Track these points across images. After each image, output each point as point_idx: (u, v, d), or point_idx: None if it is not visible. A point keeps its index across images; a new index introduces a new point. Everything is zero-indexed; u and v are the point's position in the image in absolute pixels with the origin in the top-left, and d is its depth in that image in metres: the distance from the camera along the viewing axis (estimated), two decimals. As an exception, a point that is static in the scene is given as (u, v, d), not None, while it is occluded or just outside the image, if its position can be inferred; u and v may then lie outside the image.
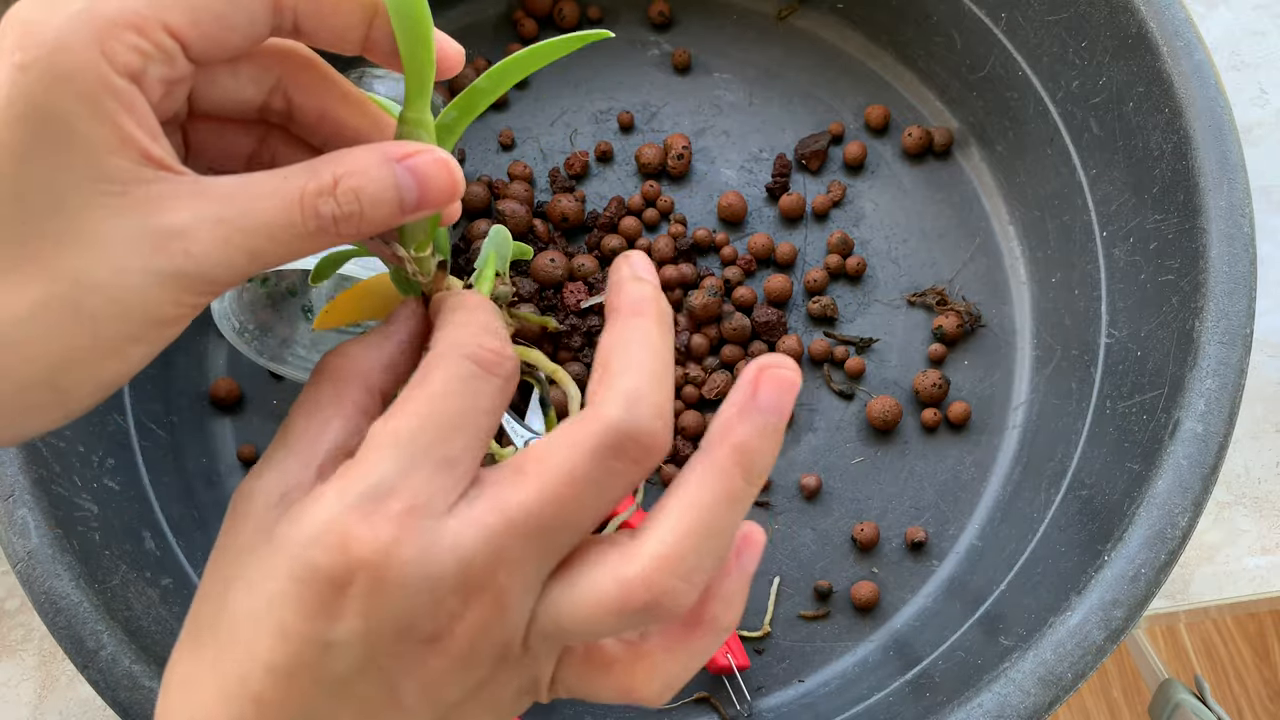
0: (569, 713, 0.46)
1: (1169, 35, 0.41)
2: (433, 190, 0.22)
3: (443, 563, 0.20)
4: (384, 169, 0.22)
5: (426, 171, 0.22)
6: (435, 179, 0.22)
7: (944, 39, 0.51)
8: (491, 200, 0.52)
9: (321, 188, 0.21)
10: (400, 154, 0.22)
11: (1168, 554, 0.37)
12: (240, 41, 0.22)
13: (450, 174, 0.22)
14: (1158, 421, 0.40)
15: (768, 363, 0.22)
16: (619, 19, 0.55)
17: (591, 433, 0.20)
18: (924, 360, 0.51)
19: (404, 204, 0.22)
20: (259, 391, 0.50)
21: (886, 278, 0.52)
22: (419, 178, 0.22)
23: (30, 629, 0.49)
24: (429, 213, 0.23)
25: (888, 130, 0.54)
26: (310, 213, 0.21)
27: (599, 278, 0.50)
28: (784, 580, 0.48)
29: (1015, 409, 0.50)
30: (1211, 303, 0.39)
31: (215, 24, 0.21)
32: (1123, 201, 0.44)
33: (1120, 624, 0.37)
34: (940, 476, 0.49)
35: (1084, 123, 0.46)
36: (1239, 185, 0.40)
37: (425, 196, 0.22)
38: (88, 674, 0.37)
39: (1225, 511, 0.51)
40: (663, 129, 0.54)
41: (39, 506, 0.38)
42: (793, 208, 0.52)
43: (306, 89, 0.24)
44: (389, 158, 0.22)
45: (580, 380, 0.49)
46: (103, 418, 0.43)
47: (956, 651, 0.43)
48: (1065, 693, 0.37)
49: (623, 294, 0.23)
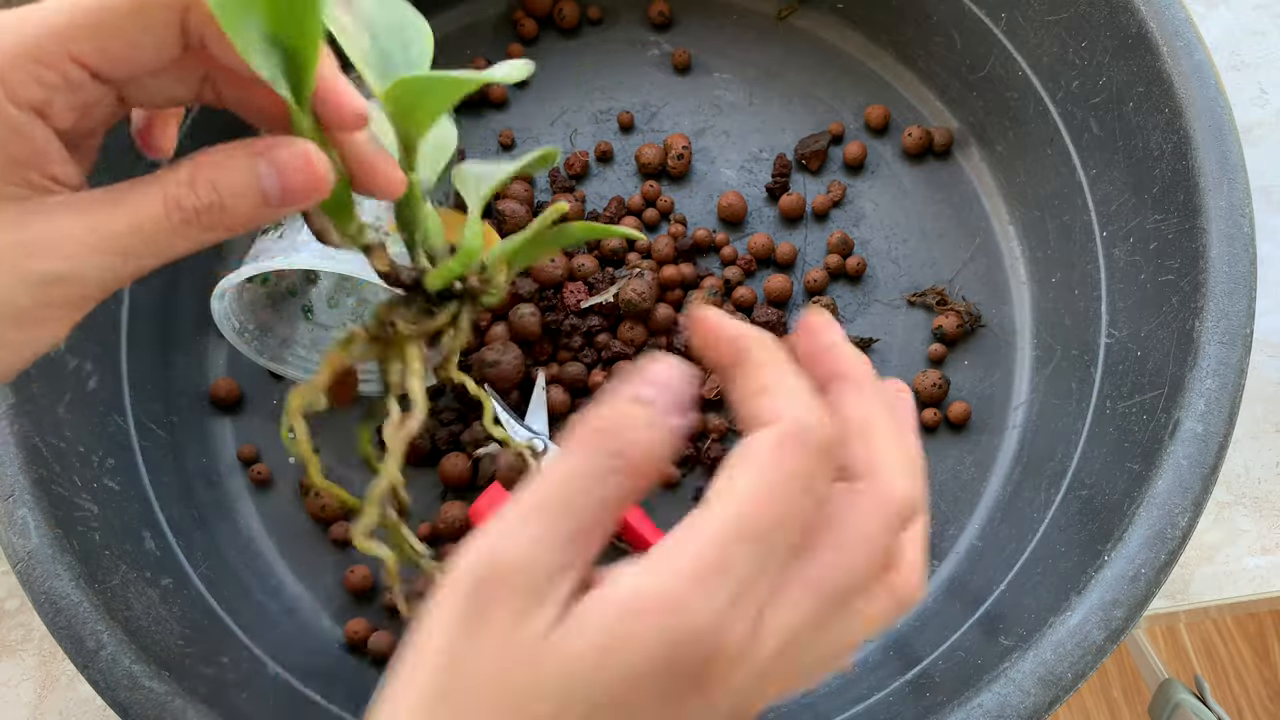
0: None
1: (1169, 35, 0.41)
2: (293, 182, 0.23)
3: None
4: (244, 162, 0.23)
5: (287, 164, 0.23)
6: (296, 172, 0.23)
7: (944, 39, 0.51)
8: (492, 200, 0.52)
9: (181, 181, 0.23)
10: (263, 147, 0.23)
11: (1168, 554, 0.37)
12: (151, 61, 0.23)
13: (310, 166, 0.23)
14: (1158, 421, 0.40)
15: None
16: (619, 19, 0.55)
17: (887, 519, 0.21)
18: (924, 360, 0.51)
19: (267, 196, 0.23)
20: (259, 391, 0.50)
21: (886, 278, 0.52)
22: (279, 169, 0.23)
23: (30, 629, 0.49)
24: (297, 205, 0.23)
25: (888, 130, 0.54)
26: (173, 206, 0.22)
27: (599, 278, 0.50)
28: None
29: (1015, 409, 0.50)
30: (1211, 303, 0.39)
31: (124, 50, 0.22)
32: (1123, 201, 0.44)
33: (1120, 624, 0.37)
34: (940, 476, 0.49)
35: (1084, 123, 0.46)
36: (1239, 185, 0.40)
37: (287, 188, 0.23)
38: (88, 674, 0.37)
39: (1225, 511, 0.51)
40: (663, 129, 0.54)
41: (39, 506, 0.38)
42: (793, 208, 0.52)
43: (230, 83, 0.25)
44: (251, 152, 0.23)
45: (580, 379, 0.49)
46: (103, 418, 0.43)
47: (956, 651, 0.43)
48: (1065, 693, 0.37)
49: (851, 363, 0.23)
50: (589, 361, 0.49)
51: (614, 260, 0.51)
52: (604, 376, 0.49)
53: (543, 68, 0.55)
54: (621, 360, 0.49)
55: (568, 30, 0.55)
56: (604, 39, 0.55)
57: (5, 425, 0.39)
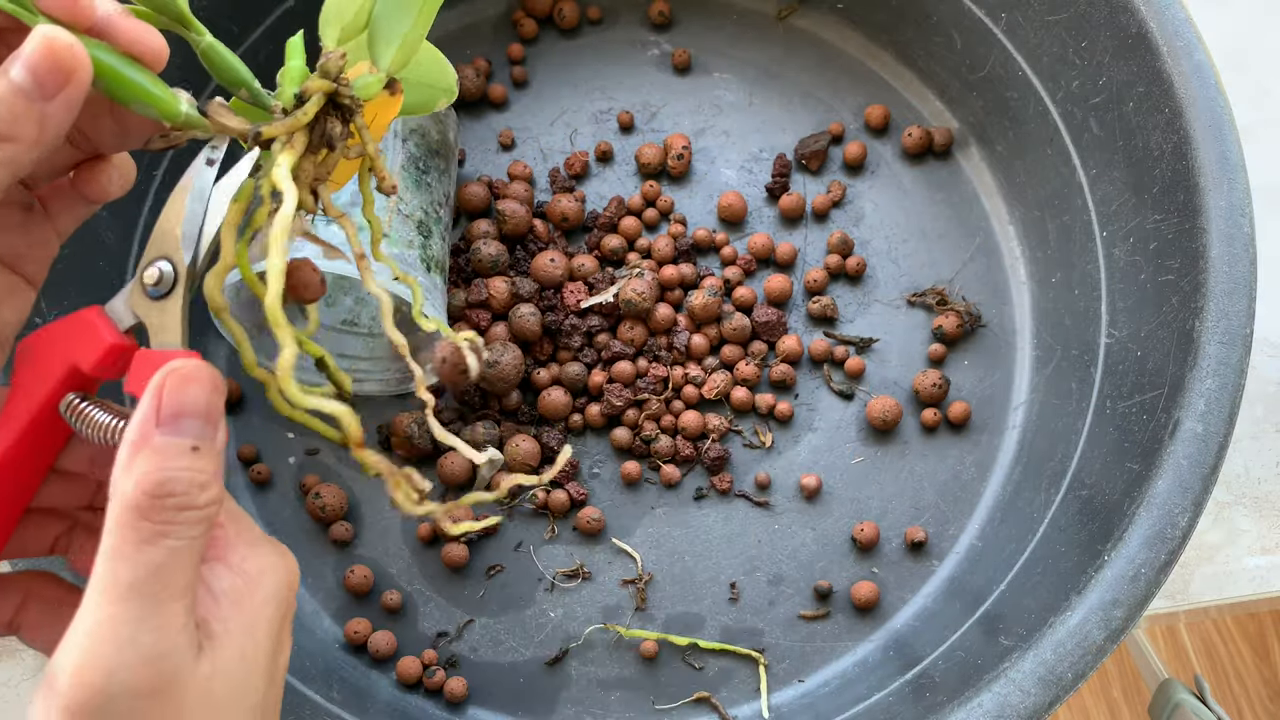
0: (569, 712, 0.46)
1: (1169, 35, 0.41)
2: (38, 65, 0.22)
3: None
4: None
5: (31, 49, 0.22)
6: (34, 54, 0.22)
7: (944, 39, 0.51)
8: (491, 200, 0.52)
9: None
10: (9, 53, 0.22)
11: (1168, 554, 0.37)
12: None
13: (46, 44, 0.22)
14: (1158, 421, 0.40)
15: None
16: (619, 19, 0.55)
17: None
18: (924, 360, 0.51)
19: (20, 87, 0.22)
20: (258, 391, 0.50)
21: (886, 278, 0.52)
22: (27, 57, 0.22)
23: (30, 629, 0.49)
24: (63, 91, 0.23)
25: (888, 130, 0.54)
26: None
27: (599, 278, 0.50)
28: (784, 580, 0.48)
29: (1015, 409, 0.50)
30: (1211, 303, 0.39)
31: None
32: (1123, 201, 0.44)
33: (1120, 624, 0.37)
34: (940, 476, 0.49)
35: (1084, 123, 0.46)
36: (1239, 185, 0.40)
37: (36, 75, 0.22)
38: (88, 674, 0.37)
39: (1225, 511, 0.51)
40: (663, 129, 0.54)
41: (39, 506, 0.38)
42: (793, 208, 0.52)
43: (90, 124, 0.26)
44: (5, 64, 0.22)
45: (579, 380, 0.49)
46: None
47: (956, 651, 0.43)
48: (1065, 693, 0.37)
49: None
50: (589, 361, 0.49)
51: (614, 260, 0.51)
52: (604, 377, 0.49)
53: (543, 68, 0.55)
54: (622, 360, 0.49)
55: (568, 30, 0.55)
56: (604, 39, 0.55)
57: (5, 425, 0.39)
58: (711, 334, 0.50)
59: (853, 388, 0.50)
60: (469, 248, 0.50)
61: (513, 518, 0.49)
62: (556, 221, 0.51)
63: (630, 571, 0.48)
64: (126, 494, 0.23)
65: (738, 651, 0.47)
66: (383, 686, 0.46)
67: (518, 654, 0.47)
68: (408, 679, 0.46)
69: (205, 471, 0.23)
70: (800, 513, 0.49)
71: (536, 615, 0.47)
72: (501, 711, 0.46)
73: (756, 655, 0.46)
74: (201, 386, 0.24)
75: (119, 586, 0.22)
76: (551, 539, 0.48)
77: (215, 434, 0.24)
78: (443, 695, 0.46)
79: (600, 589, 0.48)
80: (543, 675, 0.47)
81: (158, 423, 0.23)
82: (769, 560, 0.48)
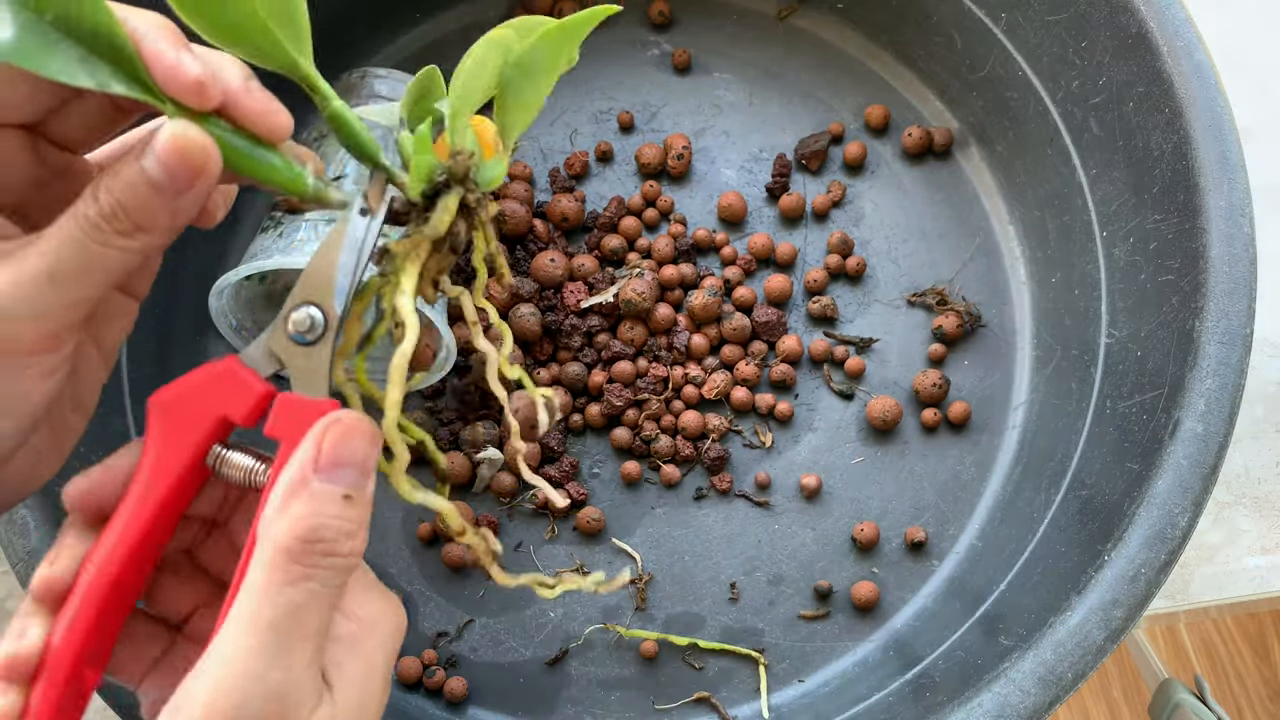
0: (569, 712, 0.46)
1: (1169, 35, 0.41)
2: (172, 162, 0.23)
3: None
4: (131, 162, 0.23)
5: (160, 149, 0.23)
6: (170, 153, 0.23)
7: (944, 39, 0.51)
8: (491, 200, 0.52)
9: (85, 198, 0.23)
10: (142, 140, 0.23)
11: (1168, 554, 0.37)
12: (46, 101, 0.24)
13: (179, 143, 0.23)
14: (1158, 421, 0.40)
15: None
16: (619, 19, 0.55)
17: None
18: (924, 360, 0.51)
19: (157, 185, 0.23)
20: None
21: (886, 278, 0.52)
22: (157, 156, 0.23)
23: (30, 629, 0.49)
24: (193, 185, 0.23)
25: (888, 130, 0.54)
26: (83, 222, 0.23)
27: (599, 278, 0.50)
28: (784, 580, 0.48)
29: (1015, 409, 0.50)
30: (1211, 303, 0.39)
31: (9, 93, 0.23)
32: (1123, 201, 0.44)
33: (1120, 624, 0.37)
34: (940, 476, 0.49)
35: (1084, 123, 0.46)
36: (1239, 185, 0.40)
37: (170, 171, 0.23)
38: (87, 674, 0.37)
39: (1225, 511, 0.51)
40: (663, 129, 0.54)
41: (39, 506, 0.38)
42: (793, 208, 0.52)
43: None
44: (136, 150, 0.23)
45: (579, 380, 0.49)
46: (103, 419, 0.43)
47: (956, 651, 0.43)
48: (1065, 693, 0.37)
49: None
50: (589, 361, 0.49)
51: (614, 260, 0.51)
52: (604, 376, 0.49)
53: (543, 68, 0.54)
54: (622, 360, 0.49)
55: (568, 30, 0.55)
56: (604, 39, 0.55)
57: (5, 425, 0.39)
58: (711, 334, 0.50)
59: (853, 388, 0.50)
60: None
61: (513, 518, 0.49)
62: (556, 221, 0.51)
63: (630, 571, 0.48)
64: (279, 535, 0.23)
65: (738, 651, 0.47)
66: (383, 686, 0.46)
67: (518, 654, 0.47)
68: (408, 679, 0.46)
69: (354, 521, 0.24)
70: (800, 513, 0.49)
71: (536, 615, 0.47)
72: (501, 711, 0.46)
73: (756, 655, 0.46)
74: (363, 439, 0.25)
75: (260, 622, 0.23)
76: (551, 539, 0.48)
77: (367, 485, 0.25)
78: (443, 695, 0.46)
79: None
80: (543, 675, 0.47)
81: (316, 469, 0.24)
82: (769, 560, 0.48)
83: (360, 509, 0.24)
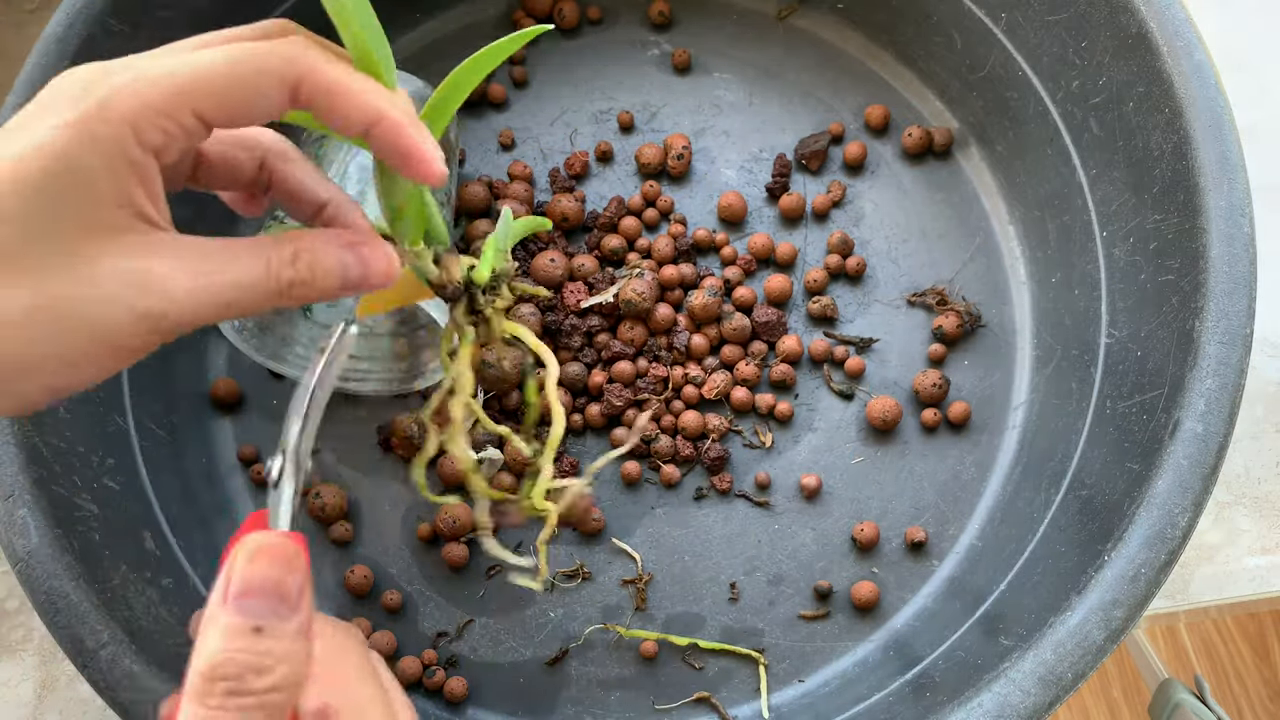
0: (569, 712, 0.46)
1: (1169, 35, 0.41)
2: (374, 275, 0.28)
3: None
4: (335, 251, 0.27)
5: (371, 261, 0.28)
6: (379, 271, 0.28)
7: (944, 39, 0.51)
8: (491, 200, 0.52)
9: (284, 257, 0.26)
10: (351, 240, 0.28)
11: (1168, 554, 0.37)
12: (260, 119, 0.26)
13: (390, 267, 0.28)
14: (1158, 421, 0.40)
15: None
16: (619, 19, 0.55)
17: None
18: (924, 360, 0.51)
19: (346, 280, 0.27)
20: (259, 391, 0.50)
21: (886, 278, 0.52)
22: (363, 263, 0.28)
23: (30, 629, 0.49)
24: (370, 289, 0.28)
25: (888, 130, 0.54)
26: (275, 274, 0.26)
27: (599, 278, 0.50)
28: (784, 580, 0.48)
29: (1015, 409, 0.50)
30: (1211, 303, 0.39)
31: (240, 109, 0.25)
32: (1123, 201, 0.44)
33: (1120, 624, 0.37)
34: (940, 476, 0.49)
35: (1084, 123, 0.46)
36: (1239, 185, 0.40)
37: (366, 276, 0.28)
38: (88, 674, 0.37)
39: (1225, 511, 0.51)
40: (663, 129, 0.54)
41: (39, 506, 0.38)
42: (793, 208, 0.52)
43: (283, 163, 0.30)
44: (342, 243, 0.27)
45: (579, 380, 0.49)
46: (103, 418, 0.43)
47: (956, 651, 0.43)
48: (1065, 693, 0.37)
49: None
50: (589, 361, 0.49)
51: (614, 260, 0.51)
52: (604, 377, 0.49)
53: (543, 68, 0.55)
54: (622, 360, 0.49)
55: (568, 30, 0.55)
56: (604, 39, 0.55)
57: (5, 425, 0.39)
58: (711, 334, 0.50)
59: (853, 388, 0.50)
60: (469, 248, 0.50)
61: (513, 518, 0.49)
62: (556, 221, 0.51)
63: (630, 571, 0.48)
64: (191, 671, 0.23)
65: (738, 651, 0.47)
66: (383, 686, 0.46)
67: (518, 654, 0.47)
68: (408, 679, 0.46)
69: (269, 655, 0.23)
70: (800, 513, 0.49)
71: (536, 615, 0.47)
72: (501, 711, 0.46)
73: (756, 655, 0.46)
74: (270, 562, 0.24)
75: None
76: (552, 539, 0.48)
77: (288, 614, 0.24)
78: (443, 695, 0.46)
79: (600, 589, 0.48)
80: (543, 675, 0.47)
81: (224, 599, 0.23)
82: (769, 560, 0.48)
83: (275, 640, 0.23)
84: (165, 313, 0.24)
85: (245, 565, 0.24)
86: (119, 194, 0.24)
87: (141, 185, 0.24)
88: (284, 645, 0.23)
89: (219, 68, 0.24)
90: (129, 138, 0.24)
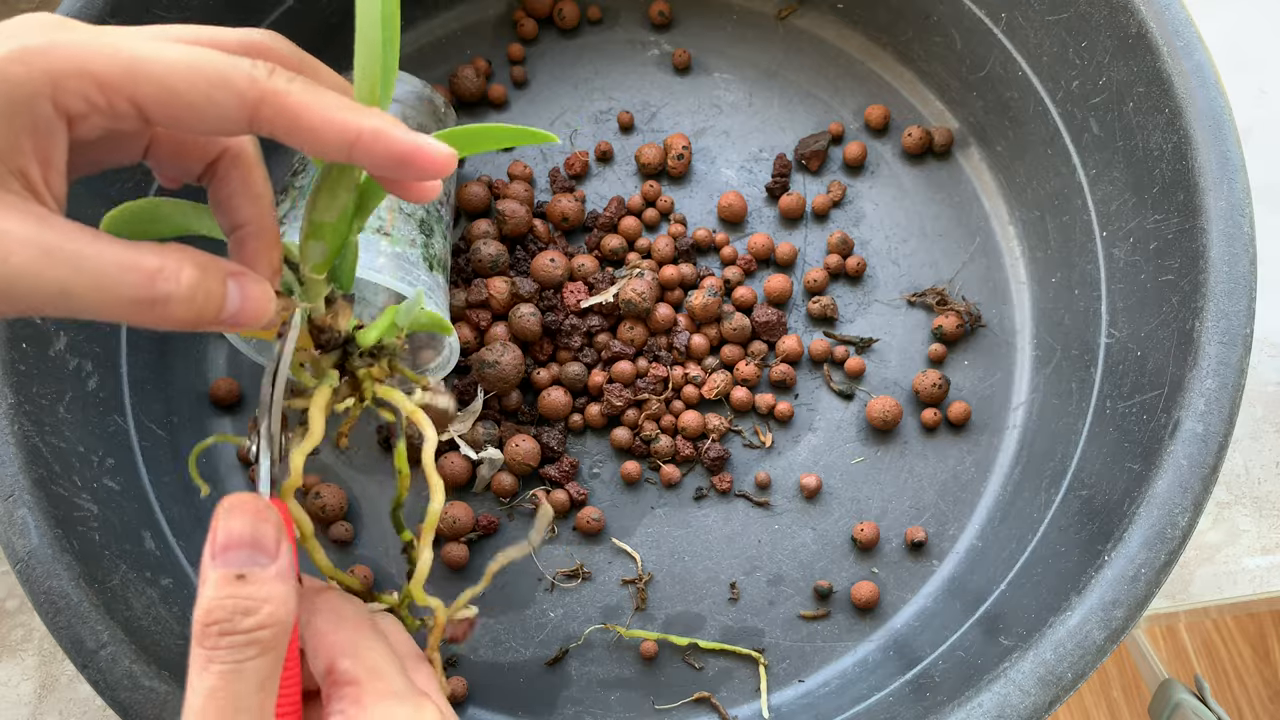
0: (569, 712, 0.46)
1: (1169, 35, 0.41)
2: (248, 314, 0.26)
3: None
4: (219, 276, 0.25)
5: (251, 298, 0.26)
6: (254, 310, 0.26)
7: (944, 39, 0.51)
8: (491, 200, 0.52)
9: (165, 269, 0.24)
10: (236, 271, 0.26)
11: (1168, 554, 0.37)
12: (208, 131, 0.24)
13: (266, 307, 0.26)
14: (1158, 421, 0.40)
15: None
16: (619, 19, 0.55)
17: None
18: (924, 360, 0.51)
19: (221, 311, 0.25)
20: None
21: (886, 278, 0.52)
22: (244, 298, 0.26)
23: (30, 629, 0.49)
24: (238, 329, 0.26)
25: (888, 130, 0.54)
26: (145, 281, 0.23)
27: (599, 278, 0.50)
28: (784, 580, 0.48)
29: (1015, 409, 0.50)
30: (1211, 303, 0.39)
31: (185, 113, 0.23)
32: (1123, 201, 0.44)
33: (1120, 624, 0.37)
34: (940, 476, 0.49)
35: (1084, 123, 0.46)
36: (1239, 185, 0.40)
37: (240, 315, 0.26)
38: (88, 674, 0.37)
39: (1225, 511, 0.51)
40: (663, 129, 0.54)
41: (39, 506, 0.38)
42: (793, 208, 0.52)
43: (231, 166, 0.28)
44: (227, 272, 0.25)
45: (579, 380, 0.49)
46: (103, 418, 0.43)
47: (956, 651, 0.43)
48: (1065, 693, 0.37)
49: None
50: (589, 361, 0.49)
51: (614, 260, 0.51)
52: (604, 377, 0.49)
53: (543, 68, 0.55)
54: (622, 360, 0.49)
55: (567, 30, 0.55)
56: (604, 39, 0.55)
57: (5, 425, 0.39)
58: (711, 334, 0.50)
59: (853, 388, 0.50)
60: (469, 248, 0.50)
61: (513, 518, 0.49)
62: (556, 221, 0.51)
63: (630, 571, 0.48)
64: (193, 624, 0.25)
65: (738, 651, 0.47)
66: (383, 686, 0.46)
67: (518, 654, 0.47)
68: (408, 679, 0.46)
69: (252, 598, 0.26)
70: (800, 513, 0.49)
71: (536, 615, 0.47)
72: (501, 711, 0.46)
73: (756, 655, 0.46)
74: (244, 516, 0.26)
75: (189, 713, 0.25)
76: (551, 539, 0.48)
77: (267, 560, 0.26)
78: (443, 695, 0.46)
79: (600, 589, 0.48)
80: (543, 675, 0.47)
81: (211, 556, 0.26)
82: (769, 560, 0.48)
83: (258, 585, 0.26)
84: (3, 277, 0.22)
85: (224, 522, 0.26)
86: (5, 146, 0.22)
87: (33, 143, 0.23)
88: (266, 588, 0.26)
89: (176, 66, 0.23)
90: (43, 93, 0.22)
